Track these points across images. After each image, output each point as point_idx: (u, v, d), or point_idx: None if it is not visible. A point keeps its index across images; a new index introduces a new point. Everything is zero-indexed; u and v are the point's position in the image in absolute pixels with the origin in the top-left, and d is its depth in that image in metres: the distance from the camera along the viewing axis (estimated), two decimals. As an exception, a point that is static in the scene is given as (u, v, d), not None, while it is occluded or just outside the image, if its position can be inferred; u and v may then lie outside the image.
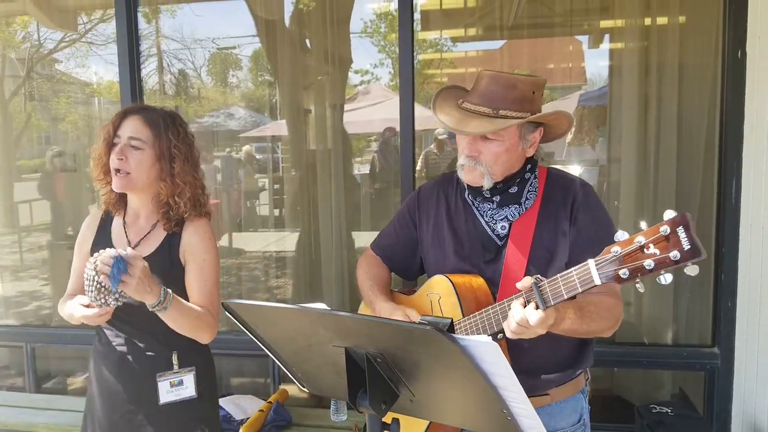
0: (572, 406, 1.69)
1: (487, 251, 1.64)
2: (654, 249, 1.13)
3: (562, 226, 1.59)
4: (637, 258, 1.15)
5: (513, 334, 1.34)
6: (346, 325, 1.15)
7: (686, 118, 3.23)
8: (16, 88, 5.55)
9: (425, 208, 1.81)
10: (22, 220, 5.38)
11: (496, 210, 1.64)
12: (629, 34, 3.42)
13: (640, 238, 1.15)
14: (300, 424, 2.90)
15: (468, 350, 1.01)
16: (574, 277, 1.26)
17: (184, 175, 1.86)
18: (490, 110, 1.53)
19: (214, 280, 1.90)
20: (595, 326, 1.49)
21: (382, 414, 1.19)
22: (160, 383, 1.87)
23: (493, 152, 1.56)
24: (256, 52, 6.46)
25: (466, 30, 4.30)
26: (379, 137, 5.52)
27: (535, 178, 1.66)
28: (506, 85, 1.53)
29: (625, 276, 1.17)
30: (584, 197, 1.62)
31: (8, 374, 4.24)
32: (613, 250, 1.19)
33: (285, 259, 4.70)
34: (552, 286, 1.29)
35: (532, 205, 1.62)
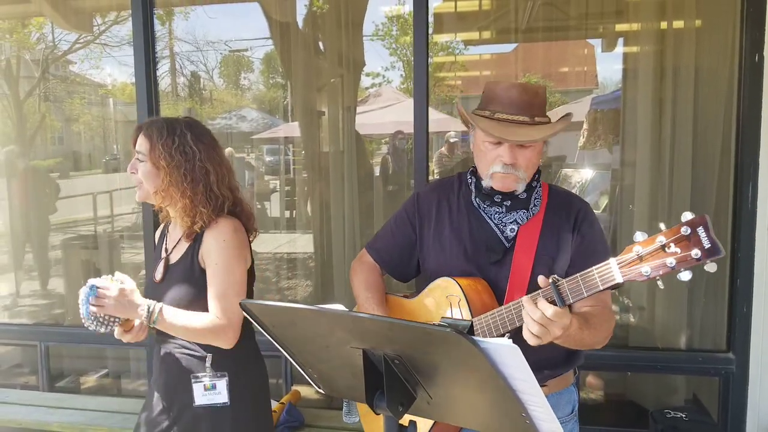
0: (566, 398, 1.77)
1: (494, 253, 1.69)
2: (675, 248, 1.19)
3: (566, 235, 1.68)
4: (658, 256, 1.22)
5: (533, 337, 1.36)
6: (365, 326, 1.15)
7: (702, 121, 3.21)
8: (31, 89, 5.60)
9: (425, 211, 1.83)
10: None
11: (504, 214, 1.70)
12: (644, 37, 3.41)
13: (661, 237, 1.21)
14: (312, 425, 2.90)
15: (488, 353, 1.01)
16: (594, 276, 1.31)
17: (171, 185, 1.87)
18: (527, 118, 1.60)
19: (229, 284, 1.86)
20: (596, 337, 1.55)
21: (399, 416, 1.19)
22: (194, 385, 1.91)
23: (528, 158, 1.63)
24: (267, 55, 6.50)
25: (480, 33, 4.29)
26: (390, 140, 5.53)
27: (540, 187, 1.74)
28: (534, 94, 1.63)
29: (646, 273, 1.23)
30: (587, 213, 1.72)
31: (22, 373, 4.27)
32: (635, 249, 1.24)
33: (296, 260, 4.72)
34: (571, 284, 1.35)
35: (537, 212, 1.70)
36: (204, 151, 1.91)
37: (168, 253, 1.98)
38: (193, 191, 1.87)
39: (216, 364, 1.91)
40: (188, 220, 1.89)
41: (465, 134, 5.89)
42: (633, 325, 3.55)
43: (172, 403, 1.94)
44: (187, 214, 1.88)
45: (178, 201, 1.88)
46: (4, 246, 4.87)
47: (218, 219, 1.90)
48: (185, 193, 1.87)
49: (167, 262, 1.96)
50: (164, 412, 1.95)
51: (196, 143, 1.91)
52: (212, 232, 1.89)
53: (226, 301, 1.85)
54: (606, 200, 4.57)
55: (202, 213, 1.88)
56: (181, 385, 1.92)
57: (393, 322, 1.13)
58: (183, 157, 1.88)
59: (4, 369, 4.41)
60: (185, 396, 1.91)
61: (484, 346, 1.01)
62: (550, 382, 1.71)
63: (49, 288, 4.77)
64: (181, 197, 1.87)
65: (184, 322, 1.82)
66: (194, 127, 1.95)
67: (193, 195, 1.87)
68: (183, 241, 1.95)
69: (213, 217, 1.90)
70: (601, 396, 3.57)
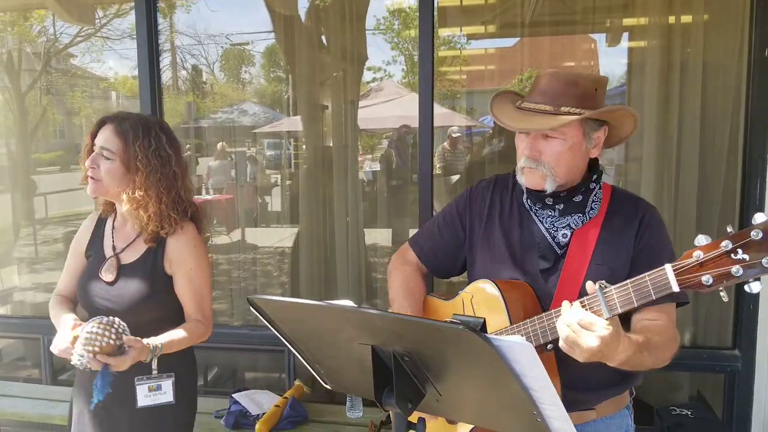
0: (618, 423, 1.63)
1: (545, 260, 1.56)
2: (743, 254, 1.07)
3: (626, 244, 1.52)
4: (722, 264, 1.09)
5: (566, 341, 1.26)
6: (374, 322, 1.13)
7: (709, 117, 3.18)
8: (32, 82, 5.59)
9: (476, 209, 1.73)
10: (37, 213, 5.42)
11: (557, 218, 1.57)
12: (651, 31, 3.38)
13: (727, 242, 1.08)
14: (316, 420, 2.90)
15: (501, 350, 1.00)
16: (647, 282, 1.19)
17: (146, 189, 1.84)
18: (551, 107, 1.48)
19: (204, 285, 1.94)
20: (658, 357, 1.40)
21: (407, 413, 1.17)
22: (138, 387, 1.87)
23: (555, 151, 1.50)
24: (269, 48, 6.46)
25: (485, 27, 4.26)
26: (393, 134, 5.51)
27: (600, 190, 1.59)
28: (567, 82, 1.48)
29: (708, 283, 1.10)
30: (652, 218, 1.55)
31: (24, 366, 4.28)
32: (695, 255, 1.12)
33: (298, 255, 4.70)
34: (620, 292, 1.23)
35: (595, 216, 1.55)
36: (175, 155, 1.89)
37: (117, 252, 1.92)
38: (167, 196, 1.86)
39: (162, 365, 1.84)
40: (156, 224, 1.86)
41: (468, 129, 5.86)
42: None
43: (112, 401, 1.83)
44: (157, 219, 1.85)
45: (150, 206, 1.84)
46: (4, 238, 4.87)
47: (182, 224, 1.90)
48: (160, 197, 1.85)
49: (118, 263, 1.90)
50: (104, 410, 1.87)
51: (170, 147, 1.89)
52: (181, 238, 1.89)
53: (204, 302, 1.94)
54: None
55: (171, 218, 1.87)
56: (124, 385, 1.84)
57: (403, 319, 1.11)
58: (159, 161, 1.85)
59: (7, 362, 4.42)
60: (129, 396, 1.86)
61: (497, 343, 0.99)
62: (599, 406, 1.57)
63: (50, 281, 4.77)
64: (155, 202, 1.84)
65: (178, 343, 1.85)
66: (166, 128, 1.93)
67: (167, 200, 1.86)
68: (140, 242, 1.91)
69: (180, 222, 1.89)
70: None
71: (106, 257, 1.93)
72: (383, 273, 4.53)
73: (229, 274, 4.80)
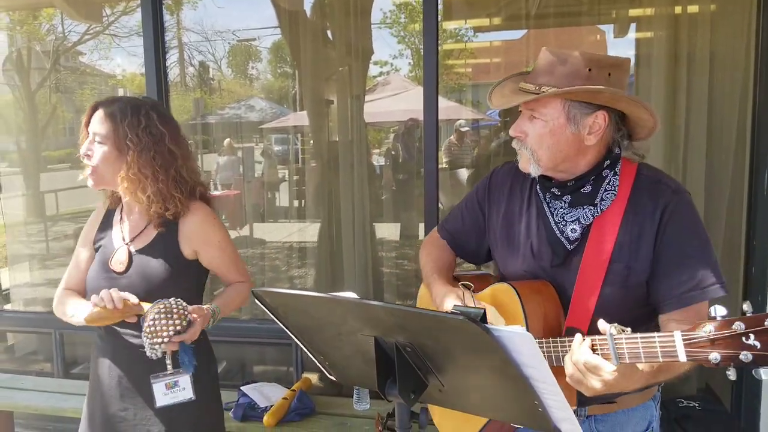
0: (641, 414, 1.57)
1: (556, 255, 1.47)
2: (755, 341, 1.00)
3: (647, 238, 1.38)
4: (732, 346, 1.02)
5: (570, 378, 1.22)
6: (376, 314, 1.14)
7: (717, 108, 3.16)
8: (42, 80, 5.62)
9: (496, 196, 1.66)
10: (48, 209, 5.47)
11: (567, 210, 1.46)
12: (658, 22, 3.36)
13: (740, 324, 1.01)
14: (323, 413, 2.92)
15: (501, 341, 1.00)
16: (656, 343, 1.12)
17: (140, 168, 1.77)
18: (533, 87, 1.38)
19: (234, 250, 1.99)
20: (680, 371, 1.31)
21: (410, 403, 1.18)
22: (155, 385, 1.79)
23: (537, 133, 1.41)
24: (275, 44, 6.48)
25: (490, 19, 4.25)
26: (400, 128, 5.51)
27: (615, 176, 1.43)
28: (555, 60, 1.37)
29: (715, 361, 1.04)
30: (678, 207, 1.38)
31: (37, 360, 4.32)
32: (705, 330, 1.05)
33: (306, 249, 4.72)
34: (630, 344, 1.15)
35: (609, 207, 1.41)
36: (170, 133, 1.82)
37: (128, 242, 1.86)
38: (165, 174, 1.79)
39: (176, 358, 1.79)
40: (159, 206, 1.80)
41: (475, 122, 5.85)
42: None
43: (130, 404, 1.84)
44: (158, 199, 1.79)
45: (148, 186, 1.77)
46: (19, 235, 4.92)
47: (192, 205, 1.86)
48: (156, 176, 1.78)
49: (129, 250, 1.85)
50: (125, 411, 1.85)
51: (163, 124, 1.82)
52: (196, 218, 1.85)
53: (240, 263, 2.00)
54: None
55: (174, 198, 1.80)
56: (138, 385, 1.82)
57: (405, 310, 1.12)
58: (150, 139, 1.78)
59: (19, 356, 4.46)
60: (144, 397, 1.81)
61: (497, 334, 1.00)
62: (621, 398, 1.49)
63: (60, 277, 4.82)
64: (153, 182, 1.77)
65: (231, 304, 1.95)
66: (159, 107, 1.86)
67: (165, 179, 1.79)
68: (150, 229, 1.85)
69: (186, 203, 1.83)
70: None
71: (116, 248, 1.87)
72: (390, 267, 4.54)
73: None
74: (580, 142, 1.41)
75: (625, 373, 1.18)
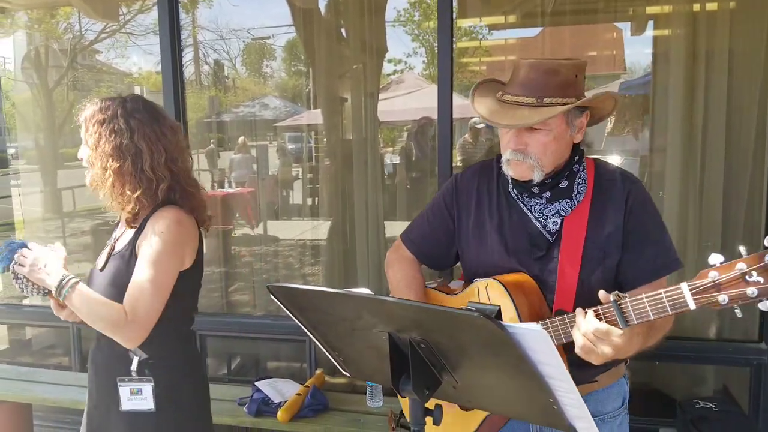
0: (617, 391, 1.68)
1: (537, 248, 1.57)
2: (757, 277, 1.10)
3: (616, 223, 1.53)
4: (738, 285, 1.13)
5: (581, 349, 1.30)
6: (391, 310, 1.15)
7: (736, 106, 3.12)
8: (59, 78, 5.68)
9: (464, 199, 1.71)
10: (65, 206, 5.53)
11: (546, 205, 1.57)
12: (676, 19, 3.32)
13: (742, 265, 1.12)
14: (336, 409, 2.92)
15: (516, 338, 1.00)
16: (663, 300, 1.22)
17: (99, 165, 1.74)
18: (533, 99, 1.46)
19: (150, 280, 1.70)
20: (658, 338, 1.46)
21: (424, 400, 1.18)
22: (120, 388, 1.79)
23: (541, 143, 1.49)
24: (289, 42, 6.50)
25: (506, 17, 4.23)
26: (413, 126, 5.50)
27: (584, 170, 1.59)
28: (548, 72, 1.46)
29: (723, 302, 1.14)
30: (639, 193, 1.56)
31: (55, 353, 4.37)
32: (711, 275, 1.15)
33: (319, 247, 4.73)
34: (636, 305, 1.25)
35: (583, 199, 1.55)
36: (137, 128, 1.74)
37: (114, 241, 1.86)
38: (118, 171, 1.72)
39: (143, 367, 1.78)
40: (119, 204, 1.77)
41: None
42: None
43: (101, 402, 1.86)
44: (116, 197, 1.75)
45: (106, 183, 1.74)
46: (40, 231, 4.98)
47: (163, 208, 1.77)
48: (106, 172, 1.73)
49: (111, 250, 1.84)
50: (96, 409, 1.87)
51: (128, 119, 1.74)
52: (151, 221, 1.76)
53: (141, 297, 1.69)
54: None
55: (130, 198, 1.73)
56: (108, 385, 1.82)
57: (420, 307, 1.12)
58: (114, 135, 1.73)
59: (38, 350, 4.52)
60: (113, 397, 1.81)
61: (512, 331, 1.00)
62: (600, 377, 1.61)
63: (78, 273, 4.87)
64: (110, 178, 1.73)
65: (90, 305, 1.69)
66: (128, 102, 1.78)
67: (117, 176, 1.72)
68: (127, 228, 1.83)
69: (149, 203, 1.76)
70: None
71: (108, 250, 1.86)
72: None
73: (251, 266, 4.86)
74: (572, 140, 1.56)
75: (630, 336, 1.28)
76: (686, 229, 3.20)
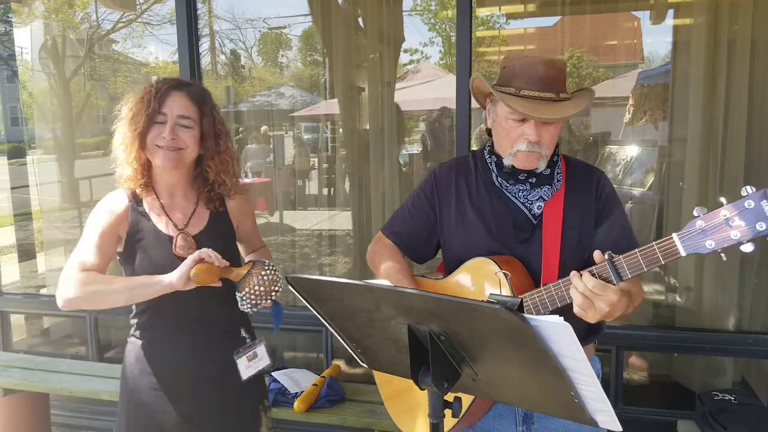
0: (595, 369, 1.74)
1: (521, 231, 1.67)
2: (739, 221, 1.23)
3: (589, 208, 1.68)
4: (722, 230, 1.25)
5: (580, 306, 1.40)
6: (411, 302, 1.14)
7: (757, 97, 3.07)
8: (76, 68, 5.71)
9: (444, 192, 1.79)
10: (82, 196, 5.58)
11: (529, 191, 1.68)
12: (696, 8, 3.27)
13: (725, 211, 1.25)
14: (353, 399, 2.93)
15: (538, 330, 0.99)
16: (656, 251, 1.33)
17: (229, 152, 1.90)
18: (553, 95, 1.57)
19: None
20: (636, 304, 1.57)
21: (444, 392, 1.18)
22: (238, 361, 1.88)
23: (552, 134, 1.62)
24: (305, 32, 6.49)
25: (525, 5, 4.18)
26: (430, 116, 5.48)
27: (560, 160, 1.73)
28: (560, 69, 1.60)
29: (710, 247, 1.27)
30: (606, 181, 1.73)
31: (72, 343, 4.43)
32: (698, 224, 1.28)
33: (335, 237, 4.74)
34: (629, 260, 1.36)
35: (560, 187, 1.69)
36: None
37: (183, 227, 1.84)
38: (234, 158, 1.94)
39: (250, 333, 1.96)
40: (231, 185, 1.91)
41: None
42: (680, 305, 3.47)
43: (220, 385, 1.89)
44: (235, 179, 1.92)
45: (231, 167, 1.90)
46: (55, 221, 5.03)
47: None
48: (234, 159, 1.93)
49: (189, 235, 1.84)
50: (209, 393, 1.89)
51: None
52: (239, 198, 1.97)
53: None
54: (652, 178, 4.44)
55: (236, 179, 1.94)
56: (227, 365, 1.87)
57: (440, 298, 1.11)
58: (223, 127, 1.90)
59: (55, 340, 4.57)
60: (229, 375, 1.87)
61: (535, 323, 0.99)
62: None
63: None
64: (235, 163, 1.92)
65: None
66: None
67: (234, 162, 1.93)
68: (201, 211, 1.88)
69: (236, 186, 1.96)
70: (645, 377, 3.51)
71: (171, 235, 1.82)
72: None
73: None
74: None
75: (621, 295, 1.38)
76: (706, 221, 3.16)
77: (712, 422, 2.55)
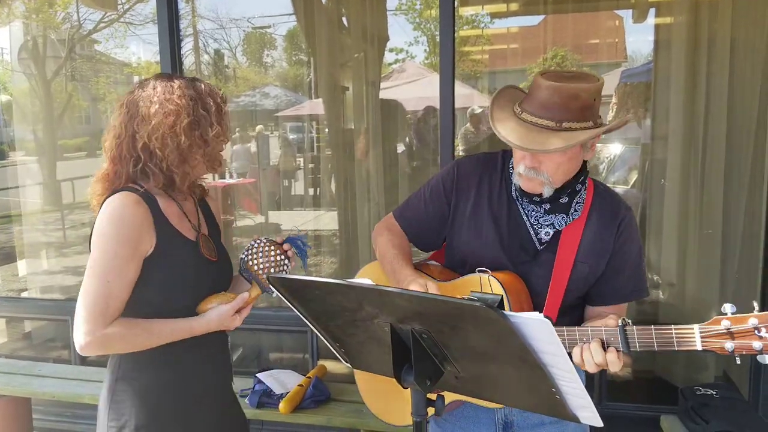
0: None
1: (525, 252, 1.62)
2: (766, 333, 1.18)
3: (606, 243, 1.61)
4: (746, 338, 1.20)
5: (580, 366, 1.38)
6: (392, 300, 1.14)
7: (737, 94, 3.11)
8: (57, 69, 5.65)
9: (464, 186, 1.72)
10: (64, 198, 5.53)
11: (542, 215, 1.62)
12: (677, 7, 3.30)
13: (754, 320, 1.19)
14: (338, 399, 2.92)
15: (518, 327, 1.00)
16: (672, 335, 1.28)
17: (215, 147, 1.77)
18: (552, 123, 1.46)
19: None
20: None
21: (427, 391, 1.18)
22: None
23: (555, 162, 1.51)
24: (290, 31, 6.47)
25: (507, 5, 4.20)
26: (415, 115, 5.48)
27: (584, 190, 1.63)
28: (570, 97, 1.45)
29: (729, 350, 1.21)
30: (630, 221, 1.65)
31: (54, 347, 4.38)
32: (724, 323, 1.22)
33: (321, 237, 4.73)
34: (642, 334, 1.31)
35: (579, 216, 1.61)
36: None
37: (199, 231, 1.74)
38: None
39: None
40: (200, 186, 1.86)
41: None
42: (663, 301, 3.50)
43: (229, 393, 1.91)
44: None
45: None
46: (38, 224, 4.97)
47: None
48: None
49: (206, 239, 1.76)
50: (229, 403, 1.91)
51: None
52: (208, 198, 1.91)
53: None
54: (635, 175, 4.48)
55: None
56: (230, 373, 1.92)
57: (421, 297, 1.11)
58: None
59: (38, 343, 4.52)
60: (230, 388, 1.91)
61: (514, 320, 0.99)
62: None
63: (78, 265, 4.87)
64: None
65: None
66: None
67: None
68: (197, 210, 1.81)
69: None
70: (629, 373, 3.54)
71: (191, 239, 1.71)
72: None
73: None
74: (582, 159, 1.60)
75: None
76: (687, 217, 3.20)
77: (694, 416, 2.58)
